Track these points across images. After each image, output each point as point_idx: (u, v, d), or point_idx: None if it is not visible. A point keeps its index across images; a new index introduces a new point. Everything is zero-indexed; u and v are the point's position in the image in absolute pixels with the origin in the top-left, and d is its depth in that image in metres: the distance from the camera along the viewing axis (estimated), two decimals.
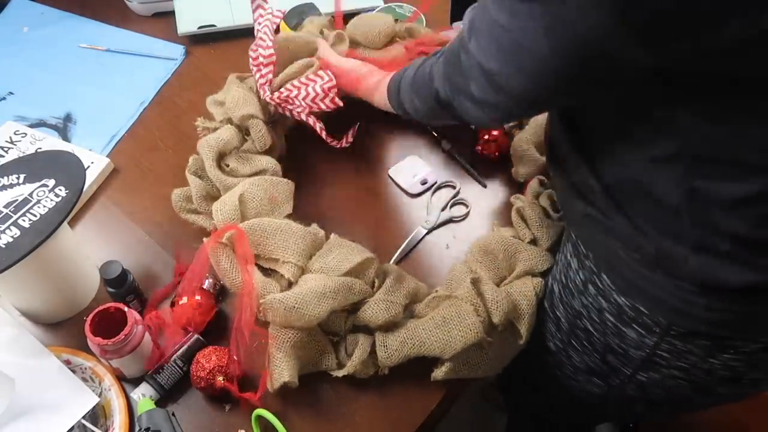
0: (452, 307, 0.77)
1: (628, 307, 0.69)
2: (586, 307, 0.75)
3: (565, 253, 0.80)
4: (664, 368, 0.71)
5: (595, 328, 0.75)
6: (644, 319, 0.68)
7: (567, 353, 0.83)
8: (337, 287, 0.76)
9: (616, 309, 0.71)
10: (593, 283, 0.73)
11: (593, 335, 0.76)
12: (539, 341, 0.86)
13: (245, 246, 0.78)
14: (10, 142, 1.02)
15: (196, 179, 0.90)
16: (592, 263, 0.72)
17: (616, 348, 0.74)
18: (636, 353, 0.72)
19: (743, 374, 0.68)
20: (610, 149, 0.62)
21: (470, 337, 0.75)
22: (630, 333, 0.71)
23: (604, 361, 0.77)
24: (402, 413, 0.78)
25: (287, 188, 0.90)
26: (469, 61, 0.62)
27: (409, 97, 0.80)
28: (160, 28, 1.20)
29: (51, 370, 0.77)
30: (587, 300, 0.74)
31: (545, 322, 0.84)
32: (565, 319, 0.80)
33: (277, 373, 0.75)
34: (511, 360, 0.82)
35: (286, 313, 0.74)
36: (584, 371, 0.82)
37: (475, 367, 0.78)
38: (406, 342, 0.76)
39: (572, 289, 0.77)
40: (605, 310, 0.72)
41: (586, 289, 0.74)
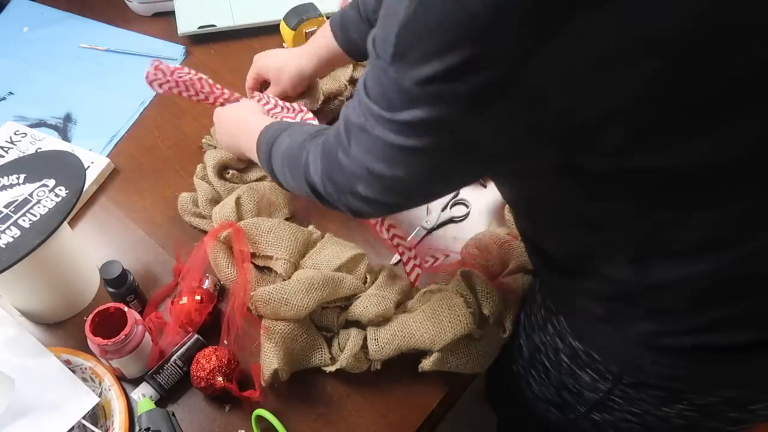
0: (443, 299, 0.78)
1: (582, 352, 0.68)
2: (544, 344, 0.75)
3: (534, 287, 0.80)
4: (618, 412, 0.71)
5: (552, 365, 0.75)
6: (597, 365, 0.67)
7: (528, 381, 0.83)
8: (326, 280, 0.77)
9: (570, 351, 0.70)
10: (551, 322, 0.73)
11: (550, 371, 0.76)
12: (508, 360, 0.86)
13: (242, 243, 0.81)
14: (10, 142, 1.02)
15: (204, 183, 0.93)
16: (551, 303, 0.73)
17: (570, 387, 0.74)
18: (590, 395, 0.71)
19: (699, 423, 0.67)
20: (557, 232, 0.62)
21: (460, 328, 0.75)
22: (584, 376, 0.70)
23: (560, 396, 0.77)
24: (402, 413, 0.78)
25: (285, 193, 0.93)
26: (353, 164, 0.57)
27: (281, 169, 0.72)
28: (160, 28, 1.20)
29: (51, 370, 0.77)
30: (546, 338, 0.75)
31: (512, 345, 0.84)
32: (526, 348, 0.80)
33: (267, 362, 0.76)
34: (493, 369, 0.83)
35: (275, 305, 0.76)
36: (543, 400, 0.82)
37: (463, 360, 0.78)
38: (396, 334, 0.77)
39: (534, 323, 0.77)
40: (561, 350, 0.72)
41: (545, 326, 0.74)
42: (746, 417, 0.67)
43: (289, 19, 1.10)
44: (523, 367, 0.83)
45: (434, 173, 0.54)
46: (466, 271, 0.80)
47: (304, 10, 1.10)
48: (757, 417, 0.67)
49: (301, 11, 1.10)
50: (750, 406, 0.65)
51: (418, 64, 0.44)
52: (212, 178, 0.92)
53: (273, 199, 0.91)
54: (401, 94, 0.47)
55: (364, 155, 0.55)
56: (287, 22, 1.10)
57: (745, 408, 0.65)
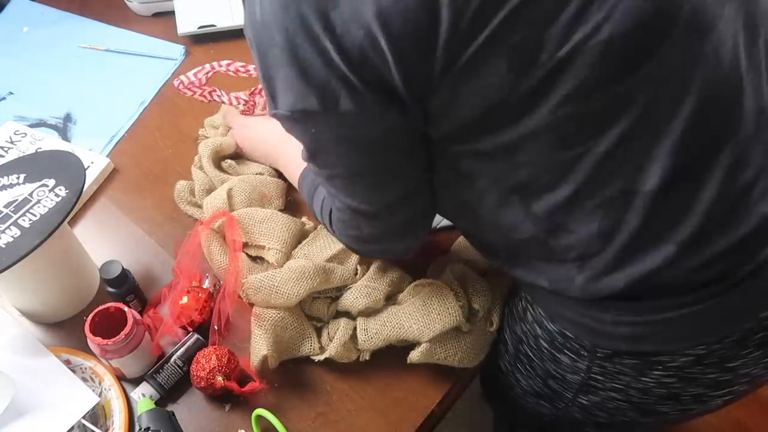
0: (433, 292, 0.79)
1: (558, 333, 0.70)
2: (525, 333, 0.76)
3: (516, 280, 0.80)
4: (602, 391, 0.71)
5: (534, 354, 0.76)
6: (572, 344, 0.69)
7: (515, 376, 0.83)
8: (316, 269, 0.79)
9: (548, 336, 0.71)
10: (529, 311, 0.74)
11: (534, 361, 0.77)
12: (493, 360, 0.86)
13: (235, 232, 0.82)
14: (10, 142, 1.02)
15: (200, 173, 0.94)
16: (525, 293, 0.74)
17: (554, 374, 0.74)
18: (573, 378, 0.72)
19: (681, 390, 0.67)
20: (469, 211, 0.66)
21: (449, 320, 0.76)
22: (563, 358, 0.71)
23: (546, 385, 0.78)
24: (402, 413, 0.78)
25: (278, 186, 0.94)
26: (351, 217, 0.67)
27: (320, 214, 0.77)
28: (160, 28, 1.20)
29: (51, 370, 0.77)
30: (526, 327, 0.76)
31: (497, 342, 0.84)
32: (510, 342, 0.81)
33: (256, 349, 0.77)
34: (485, 368, 0.83)
35: (265, 293, 0.77)
36: (531, 394, 0.82)
37: (452, 353, 0.78)
38: (386, 325, 0.78)
39: (515, 314, 0.78)
40: (540, 336, 0.73)
41: (525, 316, 0.75)
42: (727, 377, 0.66)
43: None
44: (509, 363, 0.83)
45: None
46: (456, 266, 0.80)
47: None
48: (738, 377, 0.66)
49: None
50: (727, 364, 0.64)
51: None
52: (207, 168, 0.93)
53: (265, 192, 0.92)
54: None
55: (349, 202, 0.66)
56: None
57: (722, 366, 0.64)
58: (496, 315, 0.80)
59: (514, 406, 0.90)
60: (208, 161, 0.93)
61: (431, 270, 0.85)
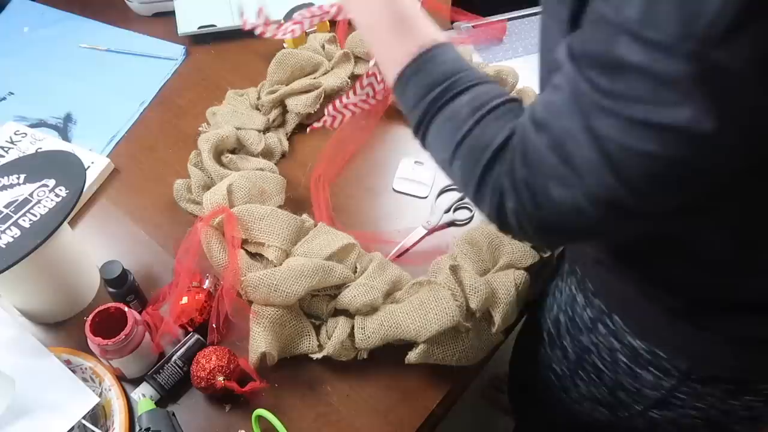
0: (430, 291, 0.79)
1: (645, 351, 0.66)
2: (595, 345, 0.72)
3: (569, 284, 0.77)
4: (680, 408, 0.69)
5: (606, 366, 0.73)
6: (662, 363, 0.65)
7: (573, 381, 0.81)
8: (316, 268, 0.78)
9: (630, 351, 0.68)
10: (603, 323, 0.70)
11: (603, 372, 0.73)
12: (546, 362, 0.84)
13: (234, 228, 0.82)
14: (11, 142, 1.02)
15: (197, 170, 0.94)
16: (602, 303, 0.69)
17: (628, 387, 0.71)
18: (651, 393, 0.69)
19: (762, 414, 0.66)
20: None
21: (446, 320, 0.76)
22: (645, 375, 0.68)
23: (613, 394, 0.75)
24: (402, 413, 0.78)
25: (277, 182, 0.94)
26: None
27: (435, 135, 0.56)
28: (160, 28, 1.20)
29: (51, 370, 0.77)
30: (597, 339, 0.72)
31: (553, 347, 0.82)
32: (572, 350, 0.78)
33: (255, 346, 0.77)
34: (522, 371, 0.81)
35: (265, 290, 0.77)
36: (590, 400, 0.80)
37: (449, 353, 0.78)
38: (383, 324, 0.77)
39: (579, 324, 0.74)
40: (617, 350, 0.69)
41: (595, 327, 0.71)
42: None
43: (289, 19, 1.10)
44: (568, 368, 0.80)
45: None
46: (454, 266, 0.81)
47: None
48: None
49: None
50: None
51: None
52: (207, 162, 0.92)
53: (265, 188, 0.92)
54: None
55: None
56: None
57: None
58: (499, 316, 0.80)
59: (556, 410, 0.87)
60: (209, 155, 0.93)
61: (430, 269, 0.85)
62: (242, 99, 1.05)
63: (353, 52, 1.07)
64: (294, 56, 1.03)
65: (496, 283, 0.81)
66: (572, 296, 0.76)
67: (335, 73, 1.05)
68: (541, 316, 0.86)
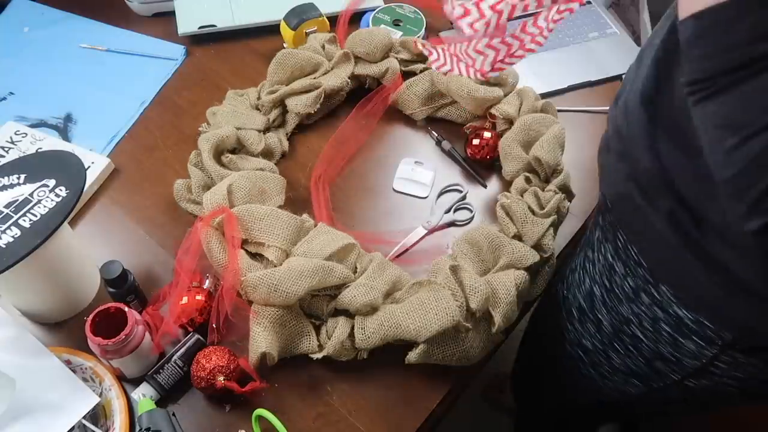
0: (430, 291, 0.79)
1: (690, 320, 0.66)
2: (636, 315, 0.72)
3: (603, 254, 0.76)
4: (718, 377, 0.69)
5: (647, 335, 0.72)
6: (707, 332, 0.65)
7: (606, 354, 0.80)
8: (316, 268, 0.78)
9: (674, 320, 0.67)
10: (647, 292, 0.69)
11: (642, 342, 0.73)
12: (575, 339, 0.84)
13: (234, 228, 0.82)
14: (11, 142, 1.02)
15: (197, 170, 0.94)
16: (646, 272, 0.69)
17: (667, 356, 0.71)
18: (690, 362, 0.69)
19: None
20: None
21: (446, 320, 0.76)
22: (688, 344, 0.68)
23: (650, 365, 0.75)
24: (402, 413, 0.79)
25: (278, 182, 0.94)
26: None
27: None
28: (160, 28, 1.20)
29: (51, 370, 0.77)
30: (639, 308, 0.71)
31: (584, 321, 0.82)
32: (608, 323, 0.78)
33: (255, 345, 0.77)
34: (528, 355, 0.81)
35: (265, 291, 0.77)
36: (623, 372, 0.80)
37: (449, 353, 0.78)
38: (383, 324, 0.78)
39: (619, 294, 0.74)
40: (661, 320, 0.69)
41: (637, 297, 0.71)
42: None
43: (289, 19, 1.10)
44: (601, 342, 0.80)
45: None
46: (454, 266, 0.81)
47: (305, 11, 1.10)
48: None
49: (301, 11, 1.10)
50: None
51: None
52: (207, 162, 0.92)
53: (265, 188, 0.92)
54: None
55: None
56: (287, 22, 1.10)
57: None
58: (499, 316, 0.80)
59: (574, 388, 0.86)
60: (209, 155, 0.93)
61: (430, 269, 0.85)
62: (242, 99, 1.05)
63: (353, 52, 1.07)
64: (294, 56, 1.03)
65: (496, 283, 0.81)
66: (609, 266, 0.74)
67: (335, 73, 1.05)
68: (568, 293, 0.86)
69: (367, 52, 1.05)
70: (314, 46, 1.07)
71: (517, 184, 0.92)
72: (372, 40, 1.05)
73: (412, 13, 1.19)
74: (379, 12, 1.18)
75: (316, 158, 1.01)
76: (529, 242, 0.86)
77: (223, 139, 0.94)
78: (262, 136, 1.00)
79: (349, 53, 1.06)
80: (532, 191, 0.90)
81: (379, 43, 1.05)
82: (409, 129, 1.07)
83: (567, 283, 0.86)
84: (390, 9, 1.19)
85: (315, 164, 1.00)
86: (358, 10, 1.20)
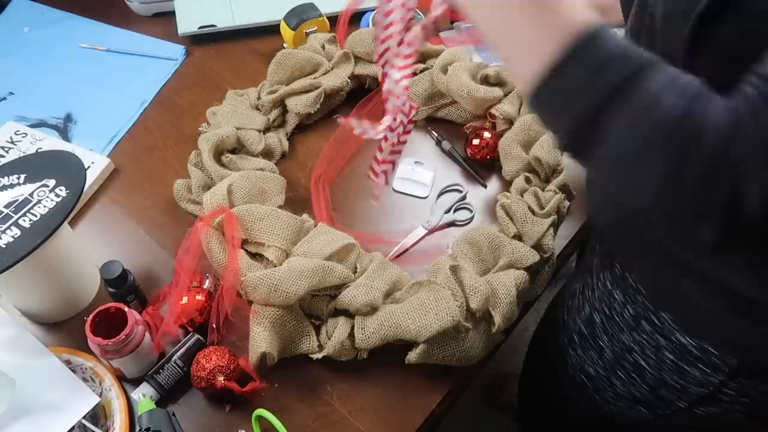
0: (430, 291, 0.79)
1: (695, 347, 0.65)
2: (638, 343, 0.71)
3: (602, 281, 0.75)
4: (726, 404, 0.68)
5: (650, 363, 0.71)
6: (712, 359, 0.64)
7: (610, 381, 0.79)
8: (316, 268, 0.78)
9: (677, 348, 0.66)
10: (648, 320, 0.68)
11: (646, 370, 0.72)
12: (578, 364, 0.83)
13: (234, 228, 0.82)
14: (11, 142, 1.02)
15: (197, 170, 0.94)
16: (646, 300, 0.68)
17: (672, 384, 0.70)
18: (696, 389, 0.68)
19: None
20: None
21: (446, 320, 0.76)
22: (693, 372, 0.67)
23: (654, 393, 0.74)
24: (402, 413, 0.78)
25: (278, 182, 0.94)
26: None
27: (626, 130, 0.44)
28: (160, 28, 1.20)
29: (51, 370, 0.77)
30: (640, 336, 0.70)
31: (586, 348, 0.81)
32: (610, 350, 0.77)
33: (254, 346, 0.77)
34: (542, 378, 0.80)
35: (264, 291, 0.77)
36: (628, 399, 0.78)
37: (449, 353, 0.78)
38: (383, 324, 0.78)
39: (619, 322, 0.73)
40: (664, 347, 0.68)
41: (638, 324, 0.70)
42: None
43: (289, 19, 1.10)
44: (604, 369, 0.79)
45: None
46: (454, 266, 0.81)
47: (305, 11, 1.10)
48: None
49: (301, 11, 1.10)
50: None
51: None
52: (207, 162, 0.92)
53: (265, 188, 0.92)
54: None
55: None
56: (287, 22, 1.10)
57: None
58: (499, 316, 0.80)
59: (589, 411, 0.85)
60: (209, 156, 0.93)
61: (430, 269, 0.85)
62: (242, 99, 1.05)
63: (353, 52, 1.07)
64: (294, 56, 1.03)
65: (496, 283, 0.81)
66: (608, 293, 0.73)
67: (335, 73, 1.05)
68: (569, 318, 0.85)
69: (367, 52, 1.05)
70: (314, 46, 1.07)
71: (517, 184, 0.92)
72: (372, 40, 1.05)
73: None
74: None
75: (316, 158, 1.01)
76: (529, 242, 0.86)
77: (223, 139, 0.95)
78: (262, 136, 1.00)
79: (349, 53, 1.06)
80: (532, 191, 0.90)
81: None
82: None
83: (567, 308, 0.86)
84: None
85: (315, 164, 1.00)
86: (358, 10, 1.19)
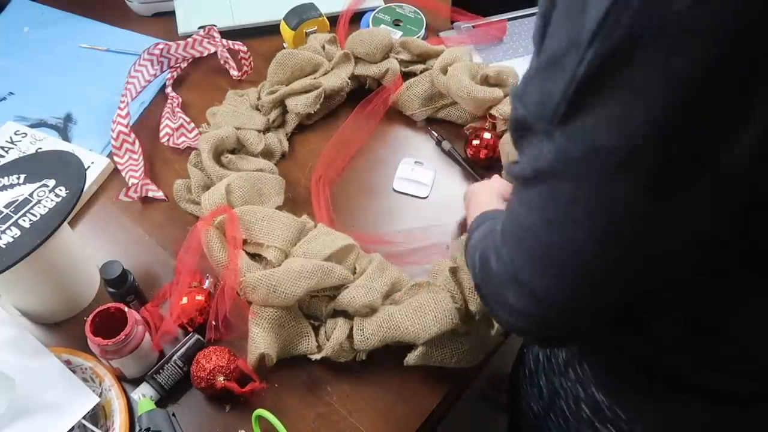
0: (429, 293, 0.79)
1: (606, 407, 0.64)
2: (564, 389, 0.71)
3: None
4: None
5: (571, 413, 0.70)
6: (621, 425, 0.63)
7: (547, 425, 0.79)
8: (315, 269, 0.78)
9: (592, 403, 0.66)
10: (573, 368, 0.68)
11: (569, 419, 0.71)
12: (526, 399, 0.83)
13: (235, 228, 0.82)
14: (11, 142, 1.02)
15: (196, 170, 0.94)
16: (576, 347, 0.67)
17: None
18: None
19: None
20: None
21: (445, 323, 0.76)
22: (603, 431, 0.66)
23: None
24: (402, 413, 0.78)
25: (277, 183, 0.94)
26: (501, 269, 0.50)
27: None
28: (160, 28, 1.20)
29: (51, 371, 0.77)
30: (566, 383, 0.70)
31: (531, 384, 0.81)
32: (546, 390, 0.76)
33: (253, 346, 0.77)
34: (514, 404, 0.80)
35: (264, 291, 0.77)
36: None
37: (448, 356, 0.78)
38: (382, 326, 0.77)
39: (554, 365, 0.73)
40: (582, 400, 0.67)
41: (566, 371, 0.70)
42: None
43: (289, 19, 1.10)
44: (542, 408, 0.79)
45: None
46: (454, 268, 0.80)
47: (305, 11, 1.10)
48: None
49: (301, 11, 1.10)
50: None
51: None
52: (207, 162, 0.92)
53: (263, 189, 0.92)
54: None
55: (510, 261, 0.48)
56: (287, 22, 1.10)
57: None
58: None
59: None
60: (208, 156, 0.93)
61: (430, 271, 0.85)
62: (242, 99, 1.05)
63: (353, 53, 1.07)
64: (294, 56, 1.03)
65: None
66: None
67: (335, 73, 1.05)
68: (528, 351, 0.85)
69: (367, 52, 1.05)
70: (314, 47, 1.07)
71: None
72: (372, 40, 1.05)
73: (412, 13, 1.19)
74: (379, 12, 1.18)
75: (316, 158, 1.01)
76: None
77: (223, 139, 0.94)
78: (262, 136, 1.00)
79: (350, 53, 1.06)
80: None
81: (379, 44, 1.05)
82: (409, 129, 1.07)
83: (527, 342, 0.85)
84: (390, 9, 1.19)
85: (315, 165, 1.00)
86: (358, 10, 1.20)
